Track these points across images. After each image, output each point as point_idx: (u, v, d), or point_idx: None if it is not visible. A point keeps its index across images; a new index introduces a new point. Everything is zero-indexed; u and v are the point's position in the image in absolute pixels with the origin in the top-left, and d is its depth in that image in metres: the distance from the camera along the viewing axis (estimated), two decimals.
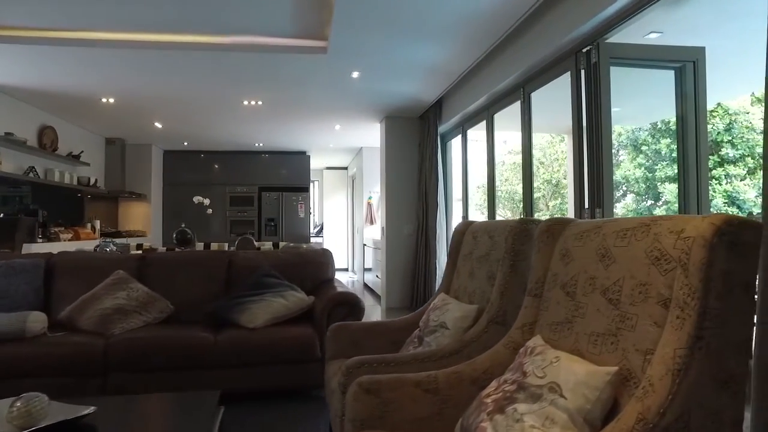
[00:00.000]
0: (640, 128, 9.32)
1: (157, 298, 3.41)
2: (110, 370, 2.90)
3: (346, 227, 11.63)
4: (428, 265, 6.11)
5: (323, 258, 3.85)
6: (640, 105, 6.04)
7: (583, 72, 3.37)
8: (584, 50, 3.34)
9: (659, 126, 8.90)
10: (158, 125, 7.21)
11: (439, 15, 3.61)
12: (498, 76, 4.35)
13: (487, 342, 1.79)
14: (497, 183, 13.25)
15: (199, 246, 5.31)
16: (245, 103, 5.96)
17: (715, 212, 1.40)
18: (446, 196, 6.44)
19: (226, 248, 5.60)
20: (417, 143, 6.64)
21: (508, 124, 4.95)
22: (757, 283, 1.31)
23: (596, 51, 3.24)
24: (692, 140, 3.32)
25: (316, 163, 11.45)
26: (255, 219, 9.51)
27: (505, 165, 12.78)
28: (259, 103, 5.98)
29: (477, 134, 5.72)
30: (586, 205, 3.35)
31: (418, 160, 6.59)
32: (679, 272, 1.06)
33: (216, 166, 9.55)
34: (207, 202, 6.40)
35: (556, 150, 11.56)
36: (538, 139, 11.09)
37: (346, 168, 11.91)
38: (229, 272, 3.72)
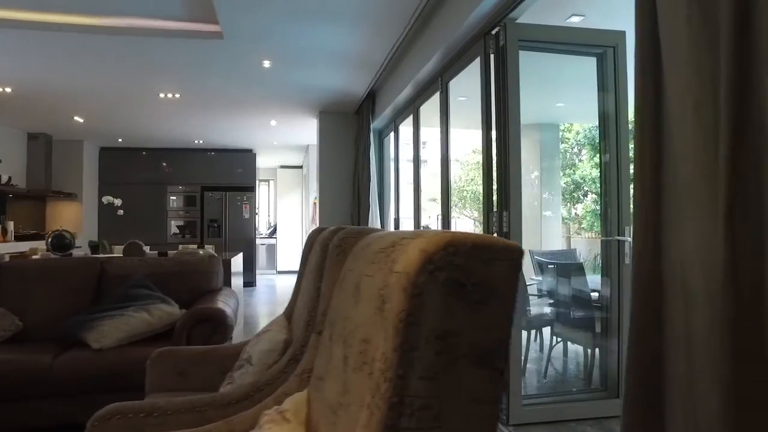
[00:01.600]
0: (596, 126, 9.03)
1: (2, 314, 2.93)
2: None
3: (301, 228, 11.16)
4: None
5: (209, 266, 3.41)
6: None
7: (492, 57, 2.98)
8: (493, 32, 2.95)
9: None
10: (79, 119, 6.67)
11: None
12: (417, 64, 3.95)
13: (284, 386, 1.38)
14: (462, 183, 12.79)
15: (152, 253, 4.73)
16: (161, 96, 5.47)
17: (443, 230, 0.99)
18: (382, 196, 6.03)
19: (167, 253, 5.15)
20: (353, 140, 6.22)
21: (465, 121, 4.54)
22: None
23: (504, 32, 2.85)
24: (613, 135, 2.96)
25: (269, 161, 10.97)
26: (197, 220, 8.99)
27: (470, 164, 12.45)
28: (177, 96, 5.49)
29: (428, 131, 5.32)
30: (494, 208, 2.96)
31: (354, 158, 6.18)
32: (381, 332, 0.65)
33: (158, 165, 9.01)
34: (118, 202, 5.89)
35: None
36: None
37: (301, 167, 11.45)
38: (100, 283, 3.25)
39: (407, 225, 5.30)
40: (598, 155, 9.31)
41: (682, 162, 1.28)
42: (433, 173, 5.12)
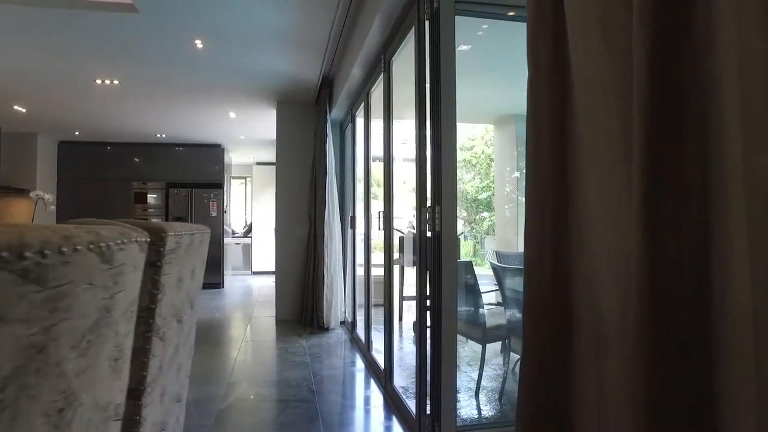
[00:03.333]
0: None
1: None
2: None
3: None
4: (316, 272, 5.23)
5: None
6: None
7: (427, 24, 2.52)
8: None
9: None
10: (19, 108, 6.20)
11: None
12: (360, 39, 3.49)
13: None
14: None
15: None
16: (98, 82, 5.01)
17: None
18: (343, 193, 5.57)
19: None
20: (313, 133, 5.75)
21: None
22: None
23: None
24: None
25: (242, 158, 10.51)
26: (162, 218, 8.53)
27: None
28: (115, 82, 5.03)
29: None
30: (428, 202, 2.50)
31: (312, 152, 5.71)
32: None
33: (123, 160, 8.54)
34: (49, 198, 5.43)
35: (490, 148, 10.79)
36: (464, 131, 10.26)
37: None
38: None
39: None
40: None
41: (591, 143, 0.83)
42: (397, 166, 4.68)
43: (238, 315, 6.11)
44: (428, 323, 2.48)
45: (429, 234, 2.45)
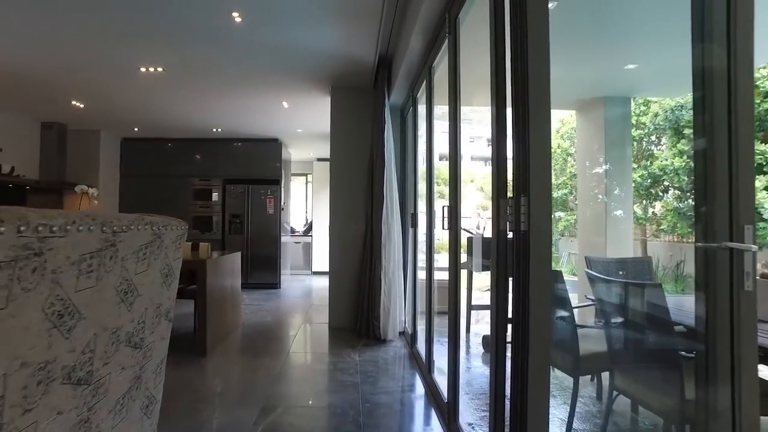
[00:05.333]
0: (681, 105, 7.45)
1: None
2: None
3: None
4: (372, 276, 4.66)
5: None
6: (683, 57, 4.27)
7: None
8: None
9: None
10: (77, 104, 6.10)
11: None
12: (417, 1, 2.87)
13: None
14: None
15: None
16: (143, 70, 4.71)
17: None
18: (403, 187, 4.98)
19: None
20: (370, 121, 5.19)
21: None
22: None
23: None
24: (720, 107, 1.70)
25: (303, 154, 10.19)
26: (219, 215, 8.31)
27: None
28: (159, 69, 4.71)
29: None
30: (509, 192, 1.84)
31: (370, 143, 5.15)
32: None
33: (181, 156, 8.41)
34: (93, 192, 5.19)
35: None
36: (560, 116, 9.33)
37: None
38: None
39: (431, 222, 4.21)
40: (683, 140, 7.60)
41: None
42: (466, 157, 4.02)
43: (290, 320, 5.67)
44: (508, 339, 1.83)
45: (510, 234, 1.79)
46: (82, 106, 6.17)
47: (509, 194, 1.82)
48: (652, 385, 2.18)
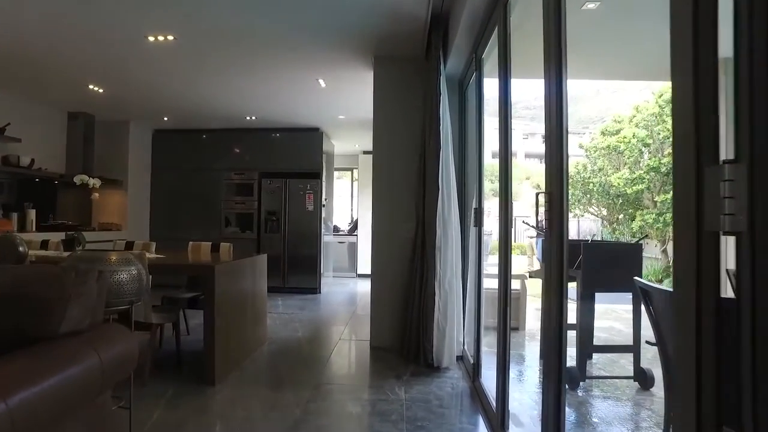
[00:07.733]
0: None
1: None
2: None
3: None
4: (424, 287, 3.74)
5: (48, 290, 1.70)
6: None
7: None
8: None
9: None
10: (96, 89, 5.50)
11: None
12: None
13: None
14: (588, 173, 10.28)
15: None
16: (150, 39, 3.98)
17: None
18: (463, 176, 4.03)
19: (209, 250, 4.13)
20: (421, 98, 4.25)
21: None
22: None
23: None
24: None
25: (347, 146, 9.36)
26: (255, 211, 7.61)
27: (597, 150, 9.96)
28: (170, 38, 3.96)
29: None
30: (726, 175, 0.86)
31: (422, 124, 4.21)
32: None
33: (216, 148, 7.76)
34: (95, 183, 4.52)
35: (666, 122, 8.47)
36: (629, 96, 8.14)
37: None
38: None
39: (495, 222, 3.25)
40: None
41: None
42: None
43: (326, 334, 4.83)
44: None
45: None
46: (101, 91, 5.57)
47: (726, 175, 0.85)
48: None
